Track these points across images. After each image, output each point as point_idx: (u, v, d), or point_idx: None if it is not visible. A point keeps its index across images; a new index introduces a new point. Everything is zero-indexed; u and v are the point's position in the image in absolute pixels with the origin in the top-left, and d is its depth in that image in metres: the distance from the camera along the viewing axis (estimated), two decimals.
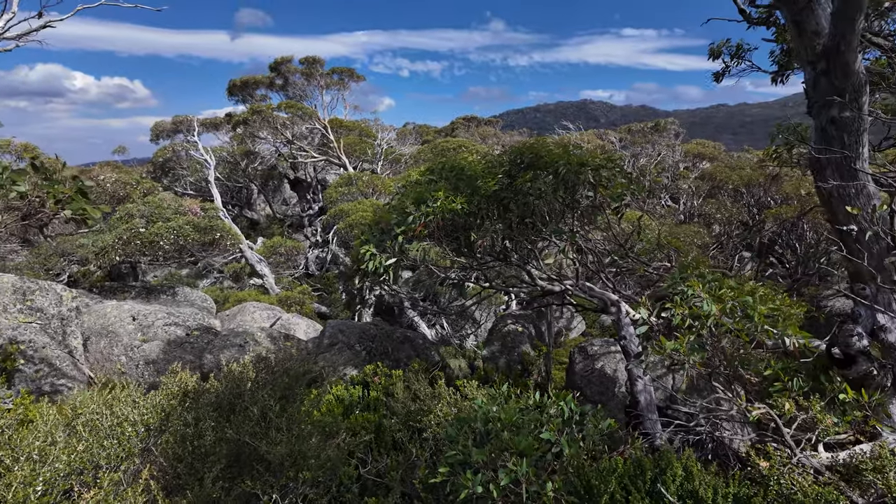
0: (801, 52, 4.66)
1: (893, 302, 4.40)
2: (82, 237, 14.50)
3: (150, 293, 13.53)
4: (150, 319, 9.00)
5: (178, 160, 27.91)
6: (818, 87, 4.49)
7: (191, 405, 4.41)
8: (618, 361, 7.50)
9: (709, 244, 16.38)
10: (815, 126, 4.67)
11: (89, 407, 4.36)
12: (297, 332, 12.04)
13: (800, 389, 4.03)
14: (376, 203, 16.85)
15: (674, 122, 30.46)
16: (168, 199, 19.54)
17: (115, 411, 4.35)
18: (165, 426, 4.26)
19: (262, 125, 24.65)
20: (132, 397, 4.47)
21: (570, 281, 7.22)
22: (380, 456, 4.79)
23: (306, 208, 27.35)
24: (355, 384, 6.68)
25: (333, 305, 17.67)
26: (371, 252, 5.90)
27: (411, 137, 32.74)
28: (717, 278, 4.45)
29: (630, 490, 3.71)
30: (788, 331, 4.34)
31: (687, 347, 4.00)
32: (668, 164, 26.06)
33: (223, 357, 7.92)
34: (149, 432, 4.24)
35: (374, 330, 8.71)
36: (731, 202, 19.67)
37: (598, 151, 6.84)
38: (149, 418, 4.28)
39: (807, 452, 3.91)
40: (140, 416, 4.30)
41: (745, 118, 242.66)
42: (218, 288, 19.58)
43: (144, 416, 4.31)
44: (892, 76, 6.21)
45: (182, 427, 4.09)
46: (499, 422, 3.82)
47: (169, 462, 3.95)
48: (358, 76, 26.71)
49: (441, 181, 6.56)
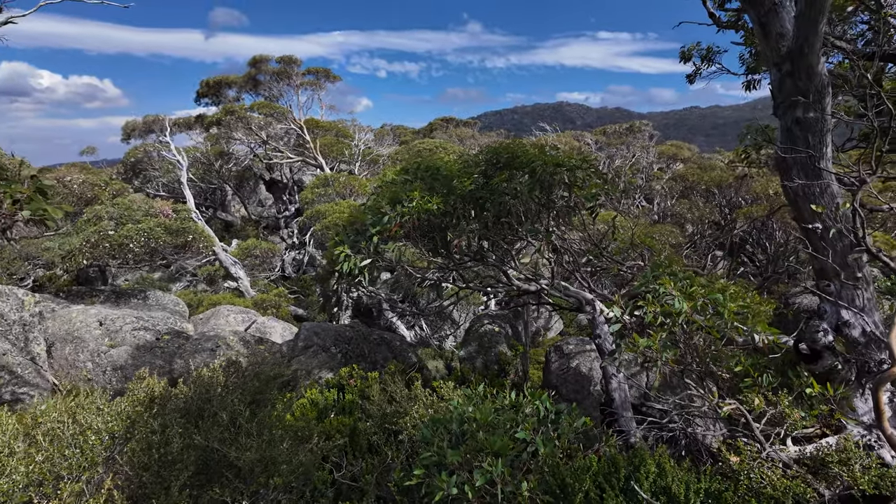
0: (767, 54, 4.75)
1: (856, 298, 4.51)
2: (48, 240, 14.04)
3: (120, 297, 13.18)
4: (118, 324, 8.75)
5: (150, 161, 27.26)
6: (783, 89, 4.59)
7: (158, 411, 4.28)
8: (593, 360, 7.56)
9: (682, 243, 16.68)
10: (781, 126, 4.77)
11: (51, 415, 4.20)
12: (273, 336, 11.85)
13: (769, 385, 4.10)
14: (353, 204, 16.72)
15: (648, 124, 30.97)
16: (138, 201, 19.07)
17: (78, 419, 4.20)
18: (131, 434, 4.13)
19: (236, 125, 24.25)
20: (96, 404, 4.32)
21: (546, 280, 7.25)
22: (355, 459, 4.73)
23: (282, 210, 26.99)
24: (330, 387, 6.59)
25: (310, 308, 17.46)
26: (345, 253, 5.83)
27: (389, 138, 32.61)
28: (689, 277, 4.52)
29: (604, 488, 3.72)
30: (758, 327, 4.42)
31: (659, 345, 4.04)
32: (642, 165, 26.47)
33: (194, 362, 7.74)
34: (113, 440, 4.10)
35: (350, 332, 8.62)
36: (704, 202, 20.07)
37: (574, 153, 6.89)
38: (113, 426, 4.14)
39: (776, 446, 3.98)
40: (104, 423, 4.15)
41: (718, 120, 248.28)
42: (192, 291, 19.17)
43: (109, 424, 4.16)
44: (854, 79, 6.39)
45: (148, 434, 3.96)
46: (474, 422, 3.80)
47: (134, 471, 3.83)
48: (333, 76, 26.54)
49: (417, 181, 6.52)
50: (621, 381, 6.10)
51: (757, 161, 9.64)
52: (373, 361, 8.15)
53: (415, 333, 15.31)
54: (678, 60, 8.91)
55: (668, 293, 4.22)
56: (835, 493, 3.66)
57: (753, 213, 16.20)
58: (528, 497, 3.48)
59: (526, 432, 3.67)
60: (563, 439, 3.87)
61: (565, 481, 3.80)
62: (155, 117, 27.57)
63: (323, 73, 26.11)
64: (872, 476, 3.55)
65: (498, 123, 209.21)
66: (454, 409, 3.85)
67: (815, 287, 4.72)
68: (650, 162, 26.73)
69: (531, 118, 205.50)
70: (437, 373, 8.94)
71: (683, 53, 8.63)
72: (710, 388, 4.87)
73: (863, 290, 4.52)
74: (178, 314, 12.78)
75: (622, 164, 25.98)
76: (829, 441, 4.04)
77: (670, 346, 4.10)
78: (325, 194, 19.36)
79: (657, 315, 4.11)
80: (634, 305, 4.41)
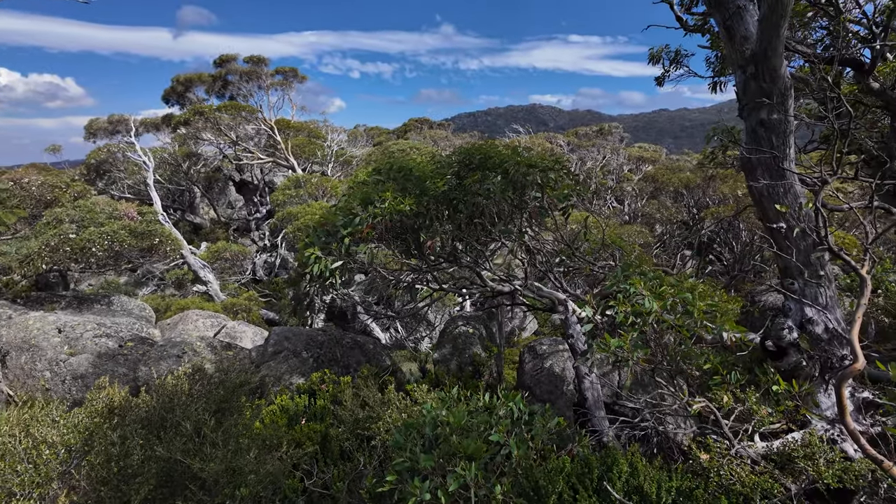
0: (732, 57, 4.84)
1: (819, 296, 4.63)
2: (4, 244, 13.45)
3: (83, 303, 12.71)
4: (78, 331, 8.42)
5: (115, 162, 26.39)
6: (748, 91, 4.68)
7: (118, 422, 4.10)
8: (566, 360, 7.59)
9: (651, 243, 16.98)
10: (746, 128, 4.86)
11: (2, 429, 3.99)
12: (244, 341, 11.59)
13: (737, 382, 4.16)
14: (326, 205, 16.51)
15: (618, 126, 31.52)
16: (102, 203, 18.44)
17: (31, 432, 3.99)
18: (89, 446, 3.94)
19: (204, 126, 23.70)
20: (52, 416, 4.12)
21: (519, 281, 7.25)
22: (326, 466, 4.62)
23: (253, 211, 26.48)
24: (301, 393, 6.45)
25: (282, 311, 17.16)
26: (316, 255, 5.71)
27: (362, 139, 32.35)
28: (658, 276, 4.56)
29: (578, 489, 3.72)
30: (726, 326, 4.49)
31: (630, 344, 4.06)
32: (612, 166, 26.88)
33: (159, 369, 7.48)
34: (70, 454, 3.91)
35: (322, 336, 8.47)
36: (672, 203, 20.50)
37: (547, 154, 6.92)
38: (70, 438, 3.95)
39: (744, 443, 4.05)
40: (60, 436, 3.96)
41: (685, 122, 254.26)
42: (159, 296, 18.64)
43: (65, 437, 3.98)
44: (815, 82, 6.58)
45: (107, 447, 3.79)
46: (448, 426, 3.75)
47: (92, 485, 3.65)
48: (301, 76, 26.22)
49: (389, 182, 6.45)
50: (594, 380, 6.13)
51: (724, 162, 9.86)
52: (346, 365, 8.02)
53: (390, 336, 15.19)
54: (647, 62, 9.06)
55: (638, 293, 4.25)
56: (800, 487, 3.73)
57: (720, 213, 16.60)
58: (502, 500, 3.45)
59: (499, 434, 3.64)
60: (537, 440, 3.85)
61: (539, 483, 3.79)
62: (120, 117, 26.76)
63: (291, 73, 25.77)
64: (836, 470, 3.64)
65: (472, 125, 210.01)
66: (427, 413, 3.80)
67: (780, 285, 4.82)
68: (620, 163, 27.18)
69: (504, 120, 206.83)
70: (412, 376, 8.86)
71: (652, 55, 8.78)
72: (680, 386, 4.92)
73: (825, 288, 4.64)
74: (143, 320, 12.39)
75: (593, 166, 26.34)
76: (795, 436, 4.12)
77: (641, 345, 4.12)
78: (297, 196, 19.08)
79: (628, 315, 4.13)
80: (606, 305, 4.43)
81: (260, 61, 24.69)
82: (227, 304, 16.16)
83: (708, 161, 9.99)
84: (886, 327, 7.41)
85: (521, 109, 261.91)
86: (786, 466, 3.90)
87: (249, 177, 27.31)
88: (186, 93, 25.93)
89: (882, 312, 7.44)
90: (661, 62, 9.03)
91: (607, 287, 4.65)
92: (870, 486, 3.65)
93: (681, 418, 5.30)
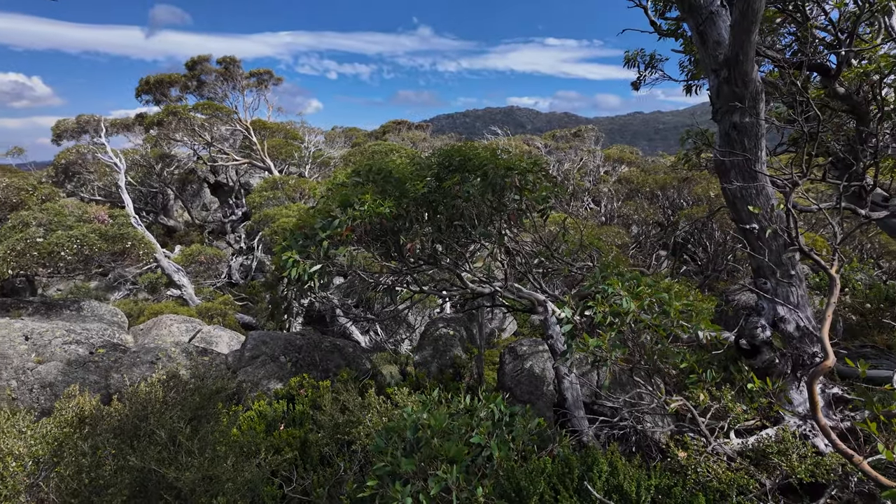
0: (705, 61, 4.94)
1: (791, 295, 4.74)
2: None
3: (51, 309, 12.32)
4: (46, 338, 8.15)
5: (85, 164, 25.67)
6: (721, 94, 4.78)
7: (89, 432, 3.98)
8: (546, 360, 7.64)
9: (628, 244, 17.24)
10: (720, 131, 4.96)
11: None
12: (220, 346, 11.38)
13: (713, 380, 4.24)
14: (304, 207, 16.34)
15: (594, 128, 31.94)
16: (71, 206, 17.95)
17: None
18: (58, 457, 3.81)
19: (178, 127, 23.23)
20: (17, 427, 3.97)
21: (499, 282, 7.28)
22: (305, 472, 4.56)
23: (228, 214, 26.04)
24: (280, 398, 6.36)
25: (259, 315, 16.91)
26: (293, 258, 5.64)
27: (340, 140, 32.12)
28: (635, 276, 4.62)
29: (559, 490, 3.74)
30: (701, 325, 4.57)
31: (609, 344, 4.10)
32: (589, 168, 27.21)
33: (132, 376, 7.29)
34: (38, 465, 3.78)
35: (300, 340, 8.36)
36: (648, 204, 20.83)
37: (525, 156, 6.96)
38: (38, 450, 3.81)
39: (720, 440, 4.12)
40: (27, 447, 3.82)
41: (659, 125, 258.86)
42: (132, 301, 18.19)
43: (33, 448, 3.84)
44: (784, 87, 6.75)
45: (78, 457, 3.67)
46: (429, 429, 3.73)
47: (62, 498, 3.53)
48: (277, 77, 25.95)
49: (368, 184, 6.41)
50: (573, 380, 6.18)
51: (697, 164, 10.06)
52: (325, 370, 7.94)
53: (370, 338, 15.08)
54: (623, 66, 9.18)
55: (616, 293, 4.30)
56: (775, 482, 3.82)
57: (694, 214, 16.94)
58: (484, 502, 3.45)
59: (481, 436, 3.64)
60: (518, 441, 3.86)
61: (520, 484, 3.80)
62: (90, 117, 26.04)
63: (266, 74, 25.46)
64: (808, 465, 3.73)
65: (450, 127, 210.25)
66: (408, 417, 3.77)
67: (754, 284, 4.93)
68: (597, 165, 27.52)
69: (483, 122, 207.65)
70: (392, 379, 8.81)
71: (628, 58, 8.90)
72: (657, 385, 5.00)
73: (797, 287, 4.76)
74: (115, 325, 12.08)
75: (571, 168, 26.61)
76: (769, 432, 4.21)
77: (619, 345, 4.17)
78: (274, 197, 18.84)
79: (606, 315, 4.17)
80: (584, 305, 4.47)
81: (233, 62, 24.30)
82: (202, 308, 15.85)
83: (682, 164, 10.19)
84: (854, 325, 7.65)
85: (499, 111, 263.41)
86: (760, 462, 3.99)
87: (224, 178, 26.86)
88: (160, 92, 25.36)
89: (850, 310, 7.68)
90: (636, 66, 9.17)
91: (586, 287, 4.70)
92: (840, 479, 3.76)
93: (658, 417, 5.38)
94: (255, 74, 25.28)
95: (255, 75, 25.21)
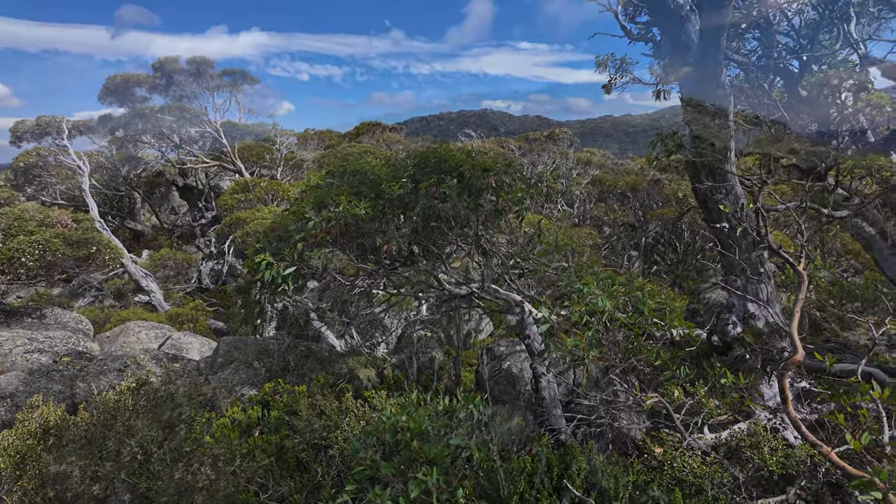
0: (675, 65, 5.05)
1: (760, 292, 4.88)
2: None
3: (11, 317, 11.84)
4: (6, 347, 7.82)
5: (46, 166, 24.74)
6: (691, 97, 4.89)
7: (54, 443, 3.82)
8: (523, 360, 7.68)
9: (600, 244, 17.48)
10: (690, 133, 5.08)
11: None
12: (190, 352, 11.10)
13: (686, 376, 4.32)
14: (276, 210, 16.10)
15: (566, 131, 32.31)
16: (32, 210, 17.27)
17: None
18: (21, 471, 3.65)
19: (145, 128, 22.62)
20: None
21: (476, 284, 7.28)
22: (282, 479, 4.47)
23: (198, 217, 25.46)
24: (254, 404, 6.22)
25: (231, 321, 16.55)
26: (267, 261, 5.53)
27: (313, 142, 31.74)
28: (610, 276, 4.68)
29: (539, 489, 3.75)
30: (675, 322, 4.66)
31: (585, 343, 4.15)
32: (562, 170, 27.51)
33: (99, 385, 7.04)
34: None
35: (274, 345, 8.21)
36: (619, 205, 21.19)
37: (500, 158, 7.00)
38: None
39: (695, 435, 4.20)
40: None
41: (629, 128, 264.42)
42: (97, 308, 17.61)
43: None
44: (750, 89, 6.95)
45: (42, 470, 3.51)
46: (408, 431, 3.71)
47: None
48: (252, 78, 25.47)
49: (343, 185, 6.34)
50: (550, 379, 6.22)
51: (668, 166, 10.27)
52: (300, 374, 7.81)
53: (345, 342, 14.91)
54: (594, 70, 9.30)
55: (591, 293, 4.34)
56: (747, 474, 3.91)
57: (665, 214, 17.30)
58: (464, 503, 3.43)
59: (460, 438, 3.62)
60: (497, 442, 3.87)
61: (500, 485, 3.80)
62: (51, 119, 25.10)
63: (240, 75, 24.97)
64: (779, 457, 3.83)
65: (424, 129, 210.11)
66: (387, 420, 3.74)
67: (724, 282, 5.05)
68: (569, 167, 27.84)
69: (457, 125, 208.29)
70: (369, 382, 8.73)
71: (599, 62, 9.02)
72: (633, 382, 5.07)
73: (766, 284, 4.89)
74: (80, 333, 11.67)
75: (544, 170, 26.87)
76: (741, 426, 4.31)
77: (595, 344, 4.21)
78: (246, 200, 18.50)
79: (583, 314, 4.21)
80: (561, 305, 4.51)
81: (204, 62, 23.79)
82: (171, 314, 15.45)
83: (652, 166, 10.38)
84: (818, 320, 7.92)
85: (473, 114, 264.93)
86: (733, 456, 4.08)
87: (194, 181, 26.26)
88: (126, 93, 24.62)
89: (814, 306, 7.94)
90: (607, 69, 9.30)
91: (561, 287, 4.73)
92: (809, 471, 3.87)
93: (634, 414, 5.46)
94: (229, 73, 24.73)
95: (228, 74, 24.66)
